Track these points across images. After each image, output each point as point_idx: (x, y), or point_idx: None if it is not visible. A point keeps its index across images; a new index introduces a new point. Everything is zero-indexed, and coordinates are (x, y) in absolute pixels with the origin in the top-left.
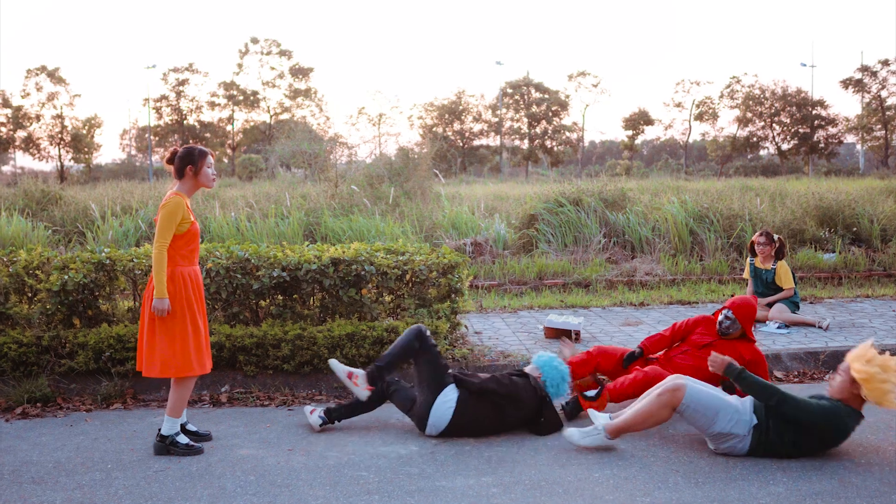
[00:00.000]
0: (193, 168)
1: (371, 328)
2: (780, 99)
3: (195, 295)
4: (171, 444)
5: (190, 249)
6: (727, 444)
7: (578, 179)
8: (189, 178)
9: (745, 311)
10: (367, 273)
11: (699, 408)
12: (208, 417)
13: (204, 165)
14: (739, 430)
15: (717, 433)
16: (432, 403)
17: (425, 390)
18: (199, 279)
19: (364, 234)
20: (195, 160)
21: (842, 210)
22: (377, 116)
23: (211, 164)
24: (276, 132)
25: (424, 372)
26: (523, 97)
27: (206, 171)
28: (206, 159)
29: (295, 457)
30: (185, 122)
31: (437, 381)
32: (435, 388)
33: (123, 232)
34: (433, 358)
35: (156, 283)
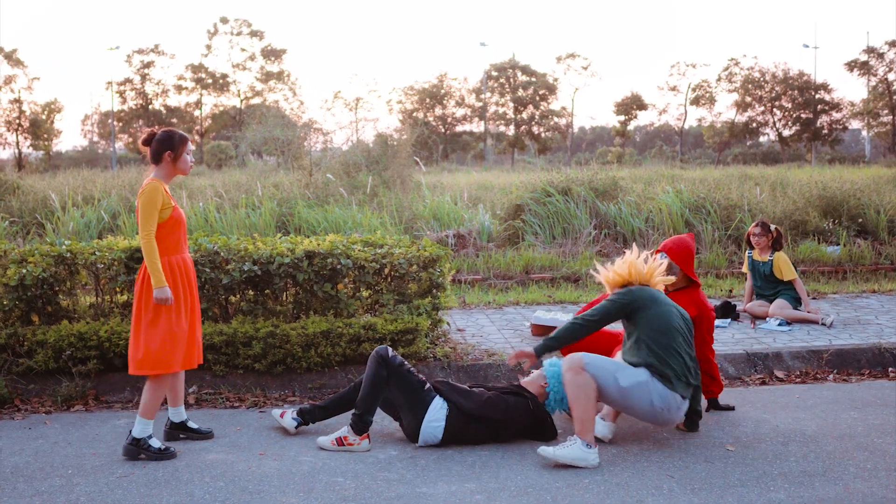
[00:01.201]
0: (173, 154)
1: (347, 325)
2: (781, 82)
3: (184, 286)
4: (143, 448)
5: (175, 237)
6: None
7: (567, 168)
8: (167, 163)
9: (680, 251)
10: (344, 267)
11: (600, 363)
12: None
13: (184, 151)
14: (641, 376)
15: (627, 386)
16: (419, 427)
17: (408, 414)
18: (189, 268)
19: (340, 226)
20: (175, 145)
21: (846, 200)
22: (354, 101)
23: (190, 150)
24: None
25: (400, 397)
26: (509, 80)
27: (185, 158)
28: (186, 145)
29: (267, 462)
30: (151, 107)
31: (419, 401)
32: (419, 409)
33: (85, 223)
34: (405, 378)
35: (151, 274)
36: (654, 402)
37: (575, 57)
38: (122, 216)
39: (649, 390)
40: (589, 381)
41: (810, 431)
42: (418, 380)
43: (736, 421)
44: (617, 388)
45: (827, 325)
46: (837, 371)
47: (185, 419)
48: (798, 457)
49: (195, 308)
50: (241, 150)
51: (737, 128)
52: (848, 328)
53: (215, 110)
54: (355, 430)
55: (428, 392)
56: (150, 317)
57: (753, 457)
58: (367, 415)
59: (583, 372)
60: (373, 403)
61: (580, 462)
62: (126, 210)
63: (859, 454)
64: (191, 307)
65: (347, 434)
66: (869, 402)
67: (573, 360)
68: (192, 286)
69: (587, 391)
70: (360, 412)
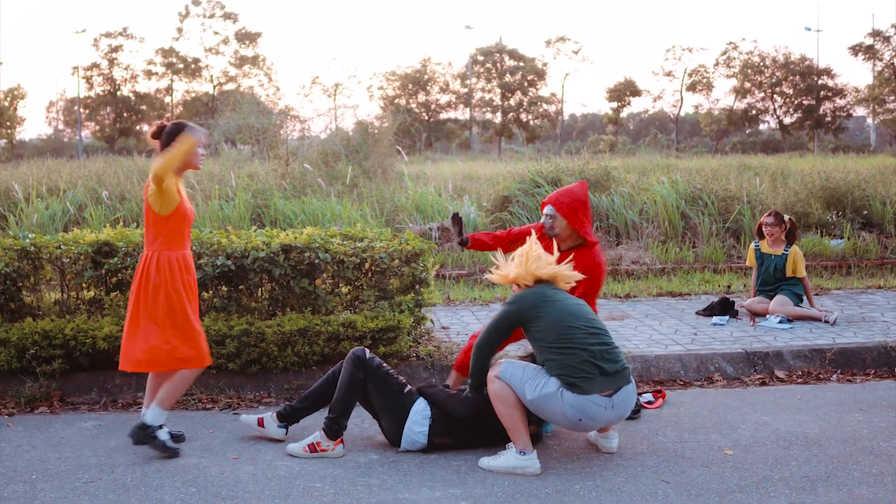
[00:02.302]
0: None
1: (326, 323)
2: (782, 67)
3: (185, 282)
4: (150, 436)
5: (178, 232)
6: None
7: (557, 157)
8: None
9: (568, 203)
10: (322, 261)
11: (512, 372)
12: None
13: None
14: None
15: (534, 399)
16: (401, 432)
17: (388, 417)
18: (190, 264)
19: (318, 218)
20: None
21: (851, 191)
22: (333, 87)
23: (203, 143)
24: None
25: (379, 400)
26: (495, 65)
27: (196, 151)
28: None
29: (241, 466)
30: (119, 93)
31: (399, 405)
32: (399, 414)
33: (50, 215)
34: (384, 381)
35: (174, 152)
36: (567, 412)
37: (565, 40)
38: (88, 208)
39: (559, 401)
40: (504, 388)
41: (813, 434)
42: (398, 382)
43: (735, 423)
44: (527, 401)
45: (830, 322)
46: (841, 371)
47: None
48: (800, 461)
49: (196, 308)
50: (213, 138)
51: (735, 115)
52: (852, 326)
53: (187, 97)
54: (329, 435)
55: (409, 395)
56: (154, 312)
57: (753, 461)
58: (342, 418)
59: (497, 380)
60: (348, 407)
61: (518, 470)
62: (93, 202)
63: (864, 458)
64: (193, 307)
65: (321, 439)
66: (874, 403)
67: (492, 369)
68: (194, 285)
69: (505, 399)
70: (334, 416)
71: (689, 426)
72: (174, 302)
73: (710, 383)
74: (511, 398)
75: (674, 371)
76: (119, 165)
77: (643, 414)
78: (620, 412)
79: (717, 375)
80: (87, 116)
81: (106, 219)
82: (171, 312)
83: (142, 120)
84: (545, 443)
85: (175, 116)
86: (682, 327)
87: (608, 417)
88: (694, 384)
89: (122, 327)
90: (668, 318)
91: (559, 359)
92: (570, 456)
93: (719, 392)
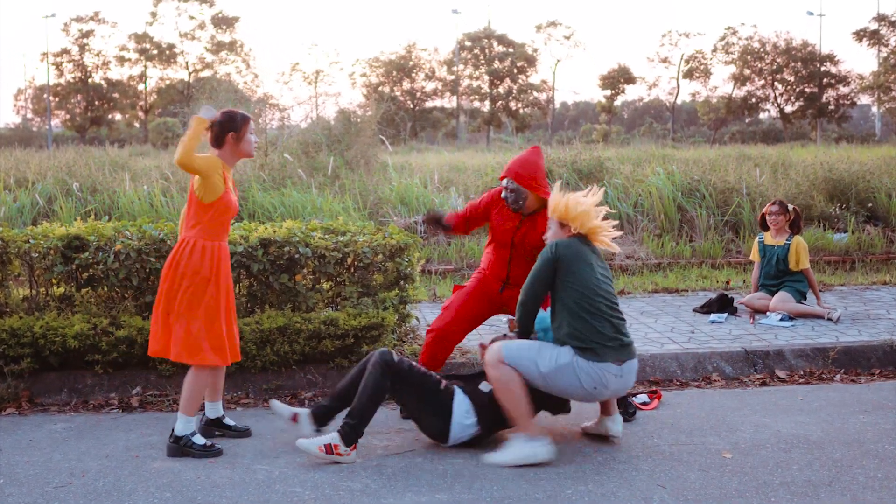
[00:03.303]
0: (235, 134)
1: (306, 320)
2: (783, 53)
3: (221, 274)
4: (186, 446)
5: (220, 223)
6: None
7: (548, 147)
8: (230, 145)
9: (527, 171)
10: (302, 256)
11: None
12: (116, 424)
13: (247, 131)
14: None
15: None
16: (448, 429)
17: (430, 417)
18: (226, 257)
19: (298, 211)
20: (237, 125)
21: (855, 183)
22: (314, 74)
23: (253, 129)
24: (195, 92)
25: (417, 402)
26: (484, 51)
27: (248, 138)
28: (248, 125)
29: (218, 470)
30: (90, 81)
31: (439, 403)
32: (442, 412)
33: (18, 208)
34: (418, 383)
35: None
36: (583, 382)
37: (556, 25)
38: (58, 200)
39: (574, 371)
40: (510, 373)
41: (815, 437)
42: (433, 380)
43: (734, 425)
44: (539, 376)
45: (833, 319)
46: (845, 371)
47: (221, 415)
48: (801, 465)
49: (231, 301)
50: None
51: (734, 103)
52: (857, 323)
53: (161, 84)
54: (346, 441)
55: (447, 391)
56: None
57: (752, 465)
58: (361, 426)
59: (502, 365)
60: (370, 415)
61: (531, 458)
62: (63, 194)
63: (869, 462)
64: (227, 300)
65: (338, 443)
66: (880, 404)
67: (492, 354)
68: (229, 277)
69: (511, 384)
70: (354, 422)
71: (685, 428)
72: (204, 292)
73: (708, 383)
74: (517, 382)
75: (670, 371)
76: (90, 156)
77: (638, 416)
78: (626, 382)
79: (715, 375)
80: (57, 105)
81: (77, 212)
82: (198, 302)
83: (114, 108)
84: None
85: (149, 105)
86: (679, 325)
87: (616, 387)
88: (691, 384)
89: (93, 325)
90: (664, 316)
91: (579, 322)
92: (562, 459)
93: (717, 393)
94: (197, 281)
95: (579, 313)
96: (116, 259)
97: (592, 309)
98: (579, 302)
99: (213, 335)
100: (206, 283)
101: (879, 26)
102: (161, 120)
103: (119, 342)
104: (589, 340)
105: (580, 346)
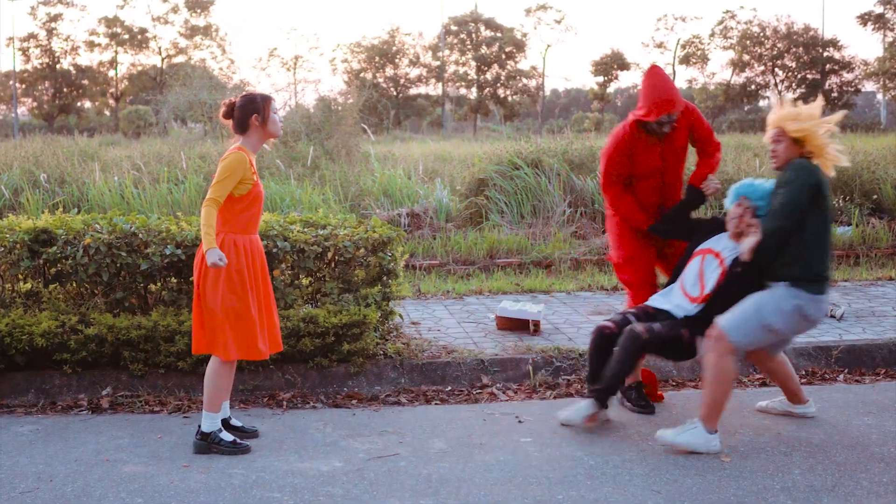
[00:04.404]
0: (259, 116)
1: (285, 318)
2: (784, 38)
3: (252, 267)
4: (214, 443)
5: (250, 215)
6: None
7: (538, 136)
8: (255, 128)
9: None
10: (280, 250)
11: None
12: (86, 427)
13: (271, 111)
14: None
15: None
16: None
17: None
18: (259, 249)
19: (277, 203)
20: (259, 107)
21: (859, 173)
22: (292, 59)
23: (276, 109)
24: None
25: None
26: (470, 36)
27: (273, 118)
28: (271, 104)
29: (192, 475)
30: (59, 67)
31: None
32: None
33: None
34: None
35: (203, 239)
36: (814, 314)
37: (546, 9)
38: (25, 192)
39: (807, 306)
40: (730, 368)
41: (817, 440)
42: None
43: (732, 428)
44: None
45: (836, 317)
46: (849, 370)
47: (227, 416)
48: (803, 469)
49: (269, 292)
50: (162, 115)
51: (733, 90)
52: (861, 321)
53: (133, 70)
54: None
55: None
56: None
57: (752, 469)
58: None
59: (728, 357)
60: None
61: (700, 448)
62: (30, 185)
63: (874, 466)
64: (264, 291)
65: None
66: (885, 405)
67: (718, 338)
68: (265, 269)
69: (726, 378)
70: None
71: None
72: (236, 287)
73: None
74: (731, 380)
75: (665, 370)
76: (59, 145)
77: (631, 418)
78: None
79: None
80: (24, 92)
81: (44, 204)
82: (230, 295)
83: (83, 96)
84: (525, 450)
85: (120, 92)
86: None
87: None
88: (688, 384)
89: (60, 322)
90: None
91: (814, 253)
92: (552, 464)
93: None
94: (232, 275)
95: (818, 243)
96: (86, 254)
97: (825, 242)
98: (821, 232)
99: (244, 329)
100: (241, 277)
101: (885, 9)
102: (133, 108)
103: (88, 340)
104: (822, 273)
105: (811, 277)
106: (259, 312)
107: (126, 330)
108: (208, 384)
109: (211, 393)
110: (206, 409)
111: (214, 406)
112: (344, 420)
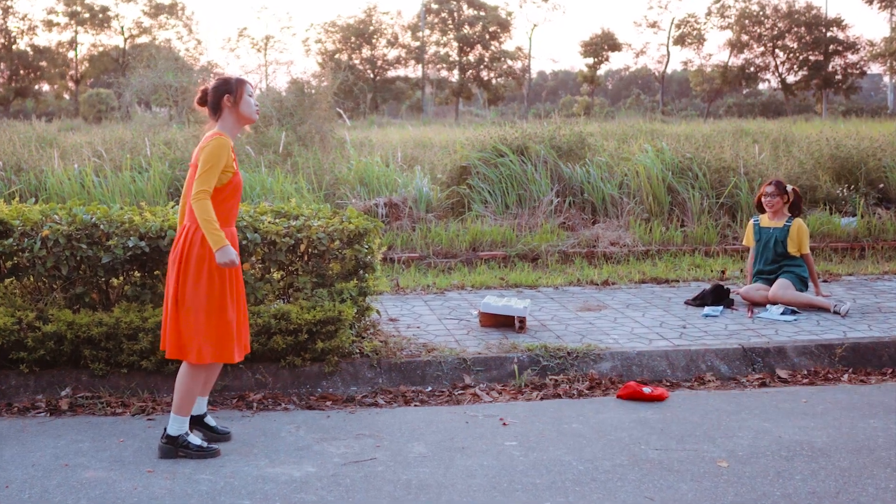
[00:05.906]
0: (232, 96)
1: (255, 314)
2: (785, 17)
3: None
4: (181, 447)
5: (229, 206)
6: None
7: (524, 121)
8: (228, 110)
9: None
10: (251, 243)
11: None
12: (43, 429)
13: (244, 92)
14: None
15: None
16: None
17: None
18: (236, 244)
19: (246, 193)
20: (233, 87)
21: (865, 161)
22: (263, 40)
23: (252, 92)
24: (131, 60)
25: None
26: (452, 15)
27: (248, 100)
28: (245, 86)
29: (156, 480)
30: (15, 48)
31: None
32: None
33: None
34: None
35: (208, 235)
36: None
37: None
38: None
39: None
40: None
41: (820, 444)
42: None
43: (730, 431)
44: None
45: (841, 313)
46: (853, 370)
47: (203, 412)
48: (805, 474)
49: (241, 290)
50: (124, 99)
51: (731, 73)
52: (866, 317)
53: (93, 51)
54: None
55: None
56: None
57: (751, 474)
58: None
59: None
60: None
61: None
62: None
63: (880, 471)
64: (238, 289)
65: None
66: (892, 407)
67: None
68: (239, 267)
69: None
70: None
71: (676, 434)
72: (214, 283)
73: (702, 384)
74: None
75: (659, 370)
76: (15, 131)
77: (625, 419)
78: None
79: (709, 375)
80: None
81: (0, 193)
82: (208, 294)
83: (41, 78)
84: (510, 455)
85: (80, 75)
86: (669, 319)
87: None
88: (683, 385)
89: (17, 318)
90: (653, 309)
91: None
92: (538, 469)
93: (712, 395)
94: (212, 270)
95: None
96: (44, 246)
97: None
98: None
99: (220, 330)
100: (221, 275)
101: None
102: (94, 91)
103: (47, 338)
104: None
105: None
106: (237, 314)
107: (86, 327)
108: (179, 386)
109: (182, 396)
110: (175, 413)
111: (184, 410)
112: (318, 422)
